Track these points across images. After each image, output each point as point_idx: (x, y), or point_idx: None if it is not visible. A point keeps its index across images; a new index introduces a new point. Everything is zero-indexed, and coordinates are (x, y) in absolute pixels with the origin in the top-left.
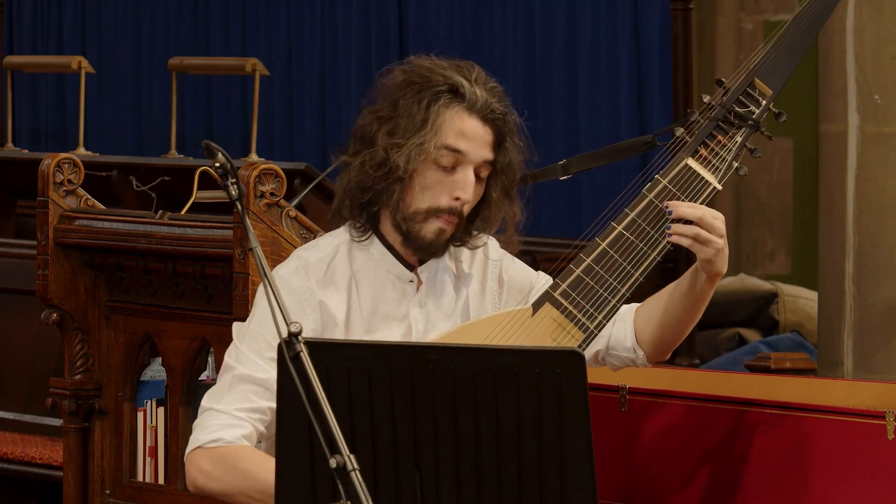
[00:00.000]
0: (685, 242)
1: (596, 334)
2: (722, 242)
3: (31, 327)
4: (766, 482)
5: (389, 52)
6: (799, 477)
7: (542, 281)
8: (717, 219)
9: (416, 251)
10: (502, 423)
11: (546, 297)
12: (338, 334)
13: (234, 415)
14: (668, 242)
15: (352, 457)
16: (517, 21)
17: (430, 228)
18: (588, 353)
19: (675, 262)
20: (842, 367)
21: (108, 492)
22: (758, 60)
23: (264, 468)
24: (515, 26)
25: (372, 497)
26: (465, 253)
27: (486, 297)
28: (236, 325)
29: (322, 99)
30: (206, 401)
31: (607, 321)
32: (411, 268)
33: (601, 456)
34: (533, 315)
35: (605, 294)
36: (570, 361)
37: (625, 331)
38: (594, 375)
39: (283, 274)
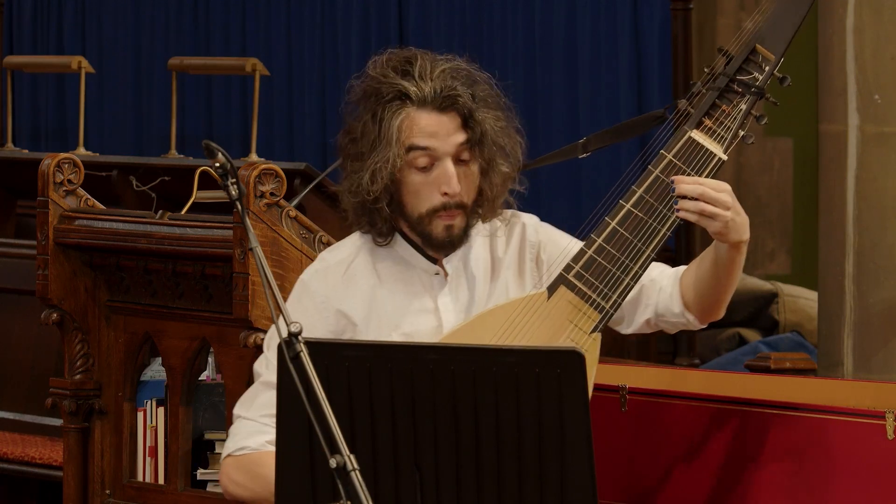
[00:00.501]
0: (692, 218)
1: (612, 313)
2: (729, 214)
3: (31, 327)
4: (766, 482)
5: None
6: (799, 477)
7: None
8: (721, 191)
9: (437, 250)
10: (502, 423)
11: (560, 280)
12: (359, 335)
13: (260, 422)
14: (675, 218)
15: (352, 457)
16: (517, 21)
17: (437, 228)
18: (638, 321)
19: (676, 251)
20: (842, 367)
21: (108, 492)
22: (758, 26)
23: None
24: (515, 26)
25: (372, 497)
26: (500, 239)
27: (526, 280)
28: (269, 330)
29: (322, 99)
30: (237, 409)
31: (622, 299)
32: (435, 260)
33: (601, 456)
34: (548, 298)
35: (618, 272)
36: (570, 361)
37: (671, 296)
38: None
39: (304, 278)
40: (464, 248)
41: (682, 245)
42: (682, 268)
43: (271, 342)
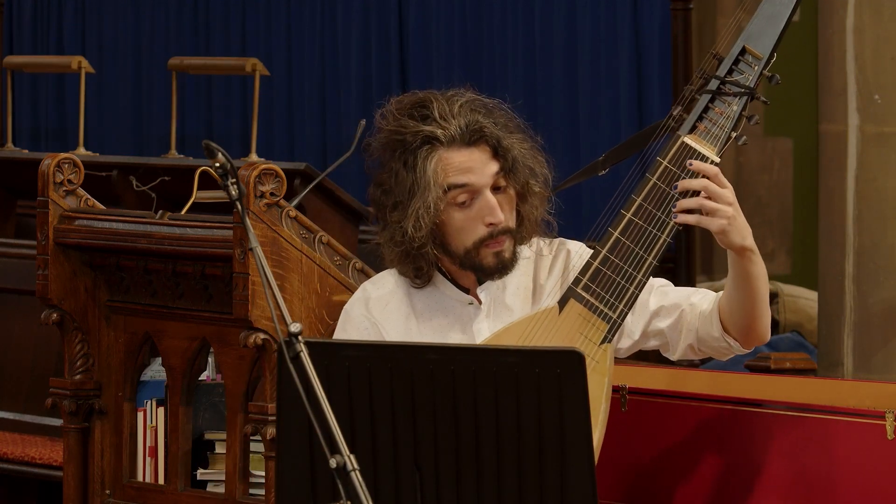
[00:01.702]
0: (691, 220)
1: (619, 323)
2: (730, 211)
3: (31, 327)
4: (767, 482)
5: (389, 52)
6: (799, 477)
7: None
8: (724, 187)
9: (493, 277)
10: (502, 423)
11: (570, 293)
12: None
13: None
14: (674, 224)
15: (352, 457)
16: (517, 21)
17: (487, 257)
18: (682, 346)
19: (675, 261)
20: (842, 367)
21: (108, 492)
22: (747, 25)
23: None
24: (515, 26)
25: (372, 497)
26: (544, 264)
27: None
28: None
29: (322, 99)
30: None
31: (629, 309)
32: (468, 290)
33: (601, 456)
34: (560, 312)
35: (623, 282)
36: (570, 361)
37: (711, 322)
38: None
39: (347, 308)
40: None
41: (682, 248)
42: (723, 292)
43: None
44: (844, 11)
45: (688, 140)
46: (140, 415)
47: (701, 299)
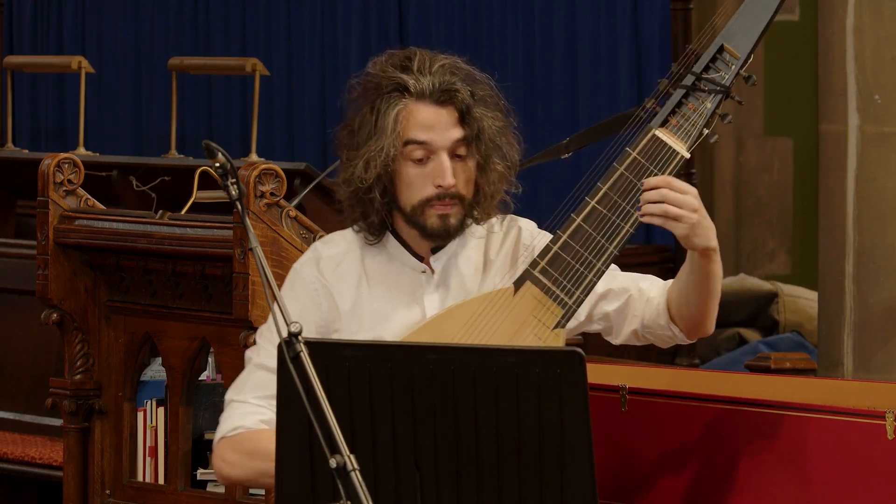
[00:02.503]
0: (657, 221)
1: (575, 309)
2: (695, 217)
3: (31, 327)
4: (767, 482)
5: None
6: (799, 477)
7: None
8: (686, 192)
9: (433, 240)
10: (502, 423)
11: (526, 275)
12: (344, 325)
13: (254, 403)
14: (640, 221)
15: (352, 457)
16: (517, 21)
17: (431, 217)
18: (626, 331)
19: (675, 262)
20: (842, 367)
21: (108, 492)
22: (727, 23)
23: None
24: (515, 26)
25: (372, 497)
26: (495, 240)
27: None
28: (260, 328)
29: (322, 99)
30: (229, 393)
31: (585, 296)
32: (423, 259)
33: (601, 456)
34: (514, 293)
35: (582, 269)
36: (570, 361)
37: (658, 308)
38: (594, 375)
39: (297, 266)
40: (454, 248)
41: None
42: (671, 280)
43: (264, 332)
44: (844, 11)
45: (659, 133)
46: (140, 415)
47: (649, 286)
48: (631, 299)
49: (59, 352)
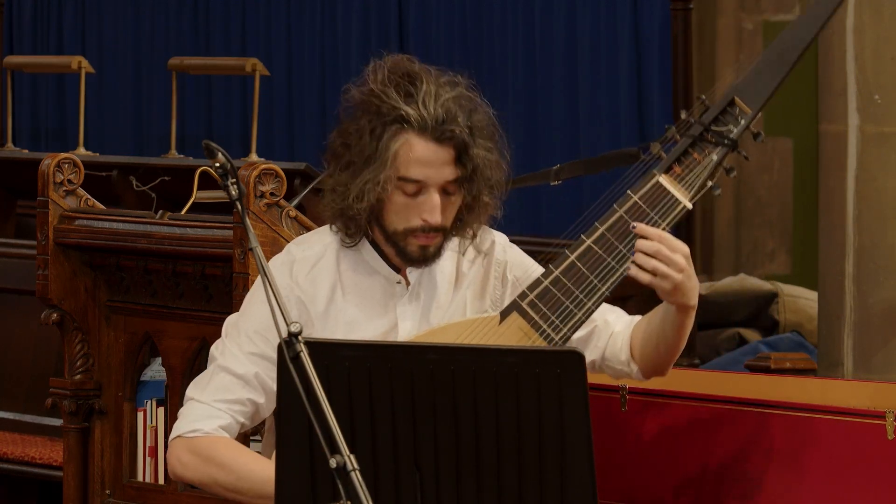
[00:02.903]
0: (644, 279)
1: (560, 345)
2: (680, 277)
3: (31, 327)
4: (767, 482)
5: (389, 53)
6: (799, 477)
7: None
8: (676, 251)
9: (409, 264)
10: (502, 423)
11: (514, 306)
12: (317, 331)
13: (214, 406)
14: (628, 269)
15: (352, 457)
16: (517, 21)
17: (412, 246)
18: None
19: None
20: (842, 367)
21: (108, 492)
22: (740, 77)
23: (237, 461)
24: (515, 26)
25: (372, 497)
26: (469, 253)
27: (487, 297)
28: (227, 319)
29: (322, 99)
30: (190, 390)
31: (571, 333)
32: (399, 269)
33: (601, 456)
34: (500, 323)
35: (572, 307)
36: (570, 361)
37: (620, 344)
38: (594, 375)
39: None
40: None
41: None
42: (637, 318)
43: (228, 329)
44: (844, 11)
45: (662, 180)
46: (140, 415)
47: (615, 319)
48: (596, 330)
49: (59, 352)
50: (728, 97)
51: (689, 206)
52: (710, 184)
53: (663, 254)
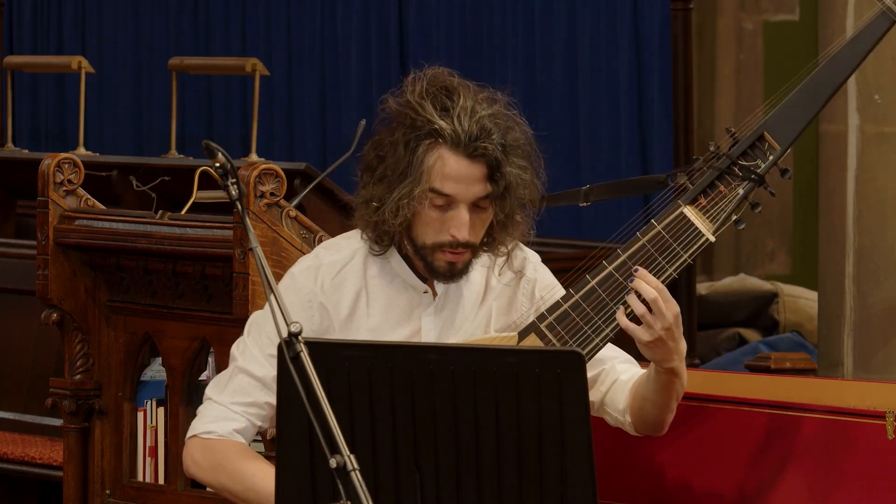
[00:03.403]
0: (623, 322)
1: None
2: (661, 333)
3: (31, 327)
4: (767, 482)
5: (389, 53)
6: (799, 477)
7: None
8: (669, 310)
9: (437, 279)
10: (502, 423)
11: (532, 327)
12: (338, 334)
13: (230, 408)
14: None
15: (352, 457)
16: (517, 22)
17: (440, 261)
18: None
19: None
20: (842, 367)
21: (108, 492)
22: (771, 113)
23: (245, 471)
24: (515, 27)
25: (372, 497)
26: (498, 265)
27: (514, 312)
28: (252, 315)
29: (322, 99)
30: (209, 390)
31: (589, 358)
32: (426, 279)
33: (601, 456)
34: (518, 343)
35: (590, 332)
36: (570, 361)
37: (621, 394)
38: None
39: (295, 272)
40: None
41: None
42: (643, 372)
43: (251, 328)
44: (844, 11)
45: (687, 212)
46: (140, 415)
47: (624, 368)
48: (603, 373)
49: (59, 352)
50: (758, 132)
51: (713, 239)
52: (734, 217)
53: (658, 306)
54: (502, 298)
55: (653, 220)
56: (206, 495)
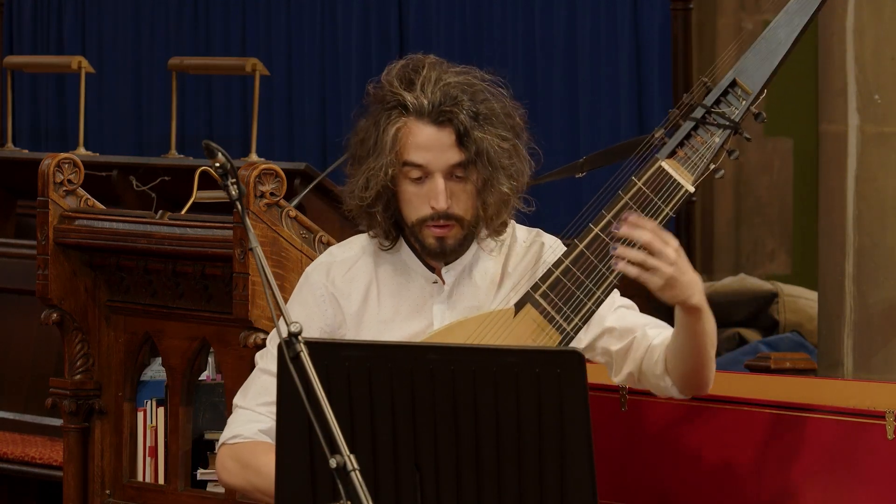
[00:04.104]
0: (632, 272)
1: (572, 336)
2: (669, 270)
3: (31, 327)
4: (767, 482)
5: (389, 53)
6: (799, 477)
7: None
8: (667, 244)
9: (432, 258)
10: (502, 423)
11: (527, 298)
12: (350, 330)
13: (255, 410)
14: (614, 271)
15: (352, 457)
16: (517, 21)
17: (428, 238)
18: (624, 371)
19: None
20: (842, 367)
21: (108, 492)
22: (741, 57)
23: (272, 464)
24: (515, 27)
25: (372, 497)
26: (516, 253)
27: None
28: (272, 332)
29: (322, 99)
30: (236, 399)
31: (583, 323)
32: (435, 269)
33: (601, 456)
34: (515, 315)
35: (582, 296)
36: (570, 361)
37: (657, 357)
38: (594, 375)
39: (308, 270)
40: (469, 260)
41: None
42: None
43: (274, 337)
44: (844, 11)
45: (665, 165)
46: (140, 415)
47: (655, 333)
48: (635, 341)
49: (59, 352)
50: (729, 78)
51: (692, 189)
52: (712, 166)
53: (654, 245)
54: (519, 283)
55: (633, 177)
56: (205, 495)
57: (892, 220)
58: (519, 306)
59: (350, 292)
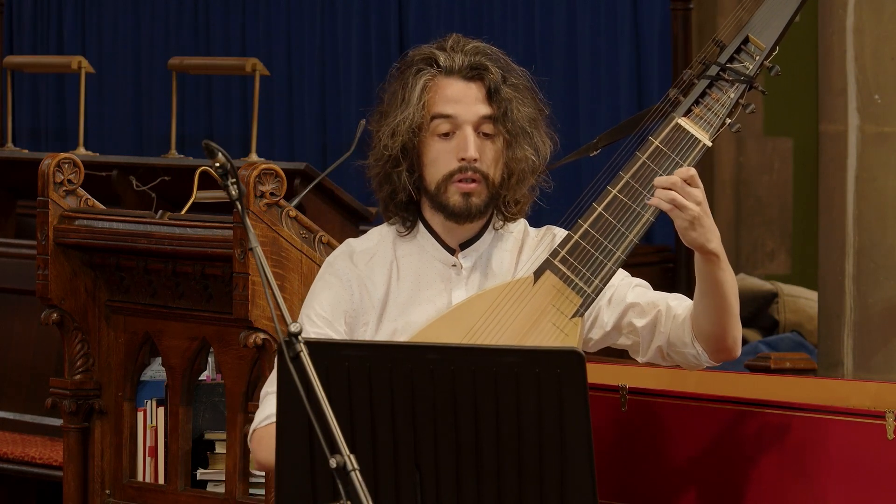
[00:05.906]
0: (665, 207)
1: (594, 298)
2: (696, 210)
3: (31, 327)
4: (766, 482)
5: (389, 52)
6: (799, 477)
7: None
8: (695, 186)
9: (457, 220)
10: (502, 422)
11: (546, 265)
12: (374, 315)
13: None
14: (648, 205)
15: (352, 457)
16: (517, 21)
17: (454, 195)
18: (652, 348)
19: (675, 262)
20: (842, 367)
21: (108, 492)
22: (754, 15)
23: None
24: (515, 26)
25: (372, 497)
26: (529, 244)
27: None
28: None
29: (322, 99)
30: (265, 387)
31: (603, 284)
32: (453, 251)
33: (601, 456)
34: (534, 283)
35: (601, 257)
36: (570, 361)
37: (683, 325)
38: (594, 375)
39: (330, 259)
40: (486, 246)
41: (682, 248)
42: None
43: (302, 321)
44: (844, 11)
45: (682, 122)
46: (140, 415)
47: (678, 304)
48: (659, 314)
49: (59, 352)
50: (742, 35)
51: (709, 143)
52: (728, 122)
53: (679, 185)
54: (538, 262)
55: (650, 137)
56: (205, 495)
57: (892, 220)
58: (538, 274)
59: (374, 278)
